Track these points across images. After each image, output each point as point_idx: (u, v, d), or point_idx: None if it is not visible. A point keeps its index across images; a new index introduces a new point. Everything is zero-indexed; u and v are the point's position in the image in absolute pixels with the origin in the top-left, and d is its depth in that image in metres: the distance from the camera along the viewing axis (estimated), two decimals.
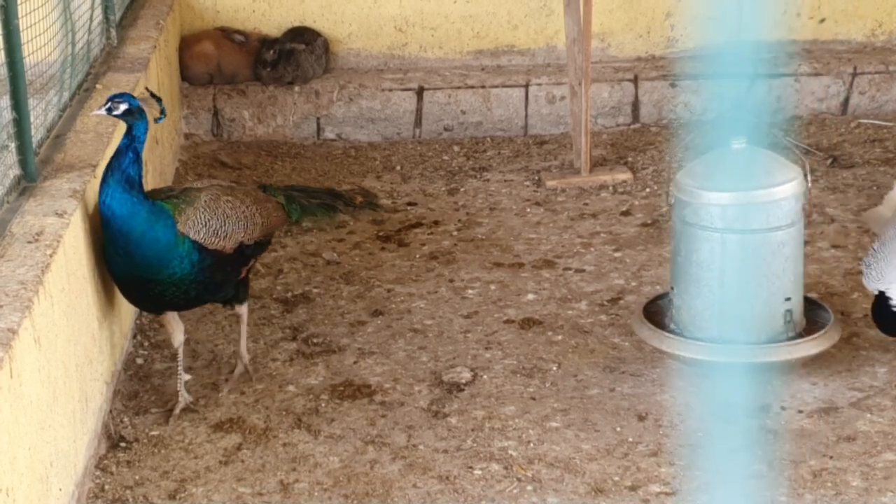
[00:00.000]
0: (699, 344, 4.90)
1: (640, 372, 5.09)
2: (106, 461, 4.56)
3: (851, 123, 7.79)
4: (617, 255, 6.20)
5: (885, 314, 4.86)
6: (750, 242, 4.92)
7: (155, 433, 4.75)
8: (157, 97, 4.71)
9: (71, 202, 4.41)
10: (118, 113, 4.57)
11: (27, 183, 4.54)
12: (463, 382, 5.06)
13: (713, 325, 4.88)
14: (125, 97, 4.60)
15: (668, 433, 4.67)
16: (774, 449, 4.50)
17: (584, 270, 6.03)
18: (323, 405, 4.92)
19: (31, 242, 4.08)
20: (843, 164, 7.22)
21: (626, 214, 6.68)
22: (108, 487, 4.42)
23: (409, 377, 5.12)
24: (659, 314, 5.13)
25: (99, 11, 6.31)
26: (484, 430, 4.73)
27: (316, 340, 5.43)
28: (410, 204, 6.94)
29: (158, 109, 4.67)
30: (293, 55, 7.81)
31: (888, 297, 4.80)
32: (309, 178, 7.32)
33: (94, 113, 4.82)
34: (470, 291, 5.86)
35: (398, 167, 7.49)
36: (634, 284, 5.85)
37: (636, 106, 7.91)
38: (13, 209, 4.35)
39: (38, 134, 4.78)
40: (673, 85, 7.87)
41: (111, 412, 4.78)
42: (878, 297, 4.86)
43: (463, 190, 7.12)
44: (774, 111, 7.61)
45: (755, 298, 4.79)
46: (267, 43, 7.88)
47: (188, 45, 7.89)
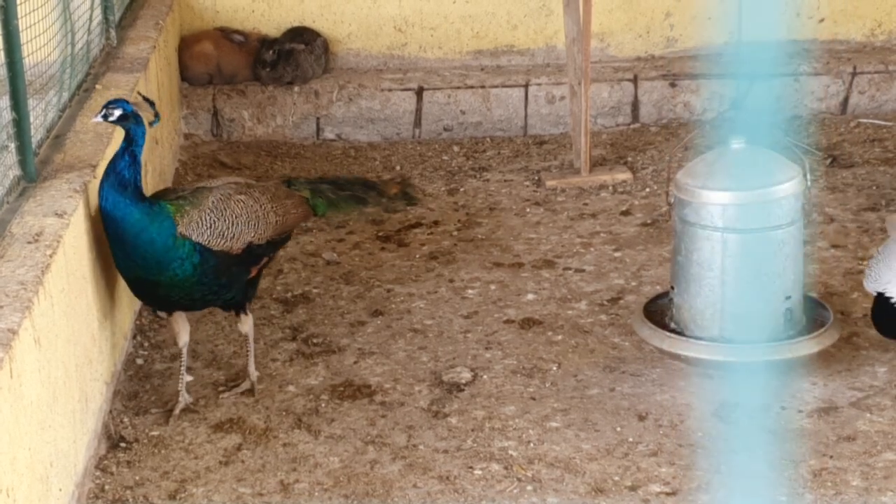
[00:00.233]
0: (700, 343, 4.90)
1: (640, 372, 5.09)
2: (106, 461, 4.56)
3: (851, 123, 7.78)
4: (617, 254, 6.19)
5: (883, 315, 4.86)
6: (750, 241, 4.91)
7: (155, 433, 4.75)
8: (149, 101, 4.73)
9: (71, 202, 4.41)
10: (114, 119, 4.60)
11: (27, 183, 4.54)
12: (463, 382, 5.06)
13: (714, 324, 4.89)
14: (120, 103, 4.63)
15: (668, 433, 4.66)
16: (775, 448, 4.50)
17: (583, 270, 6.03)
18: (323, 405, 4.92)
19: (30, 243, 4.08)
20: (842, 163, 7.22)
21: (625, 214, 6.68)
22: (108, 488, 4.42)
23: (409, 377, 5.12)
24: (659, 314, 5.13)
25: (98, 12, 6.30)
26: (484, 430, 4.73)
27: (316, 340, 5.43)
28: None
29: (152, 113, 4.69)
30: (293, 55, 7.81)
31: (886, 297, 4.80)
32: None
33: (91, 120, 4.86)
34: (470, 291, 5.86)
35: (398, 167, 7.48)
36: (634, 284, 5.85)
37: (636, 106, 7.91)
38: (13, 209, 4.34)
39: (37, 134, 4.78)
40: (672, 85, 7.87)
41: (111, 412, 4.78)
42: (876, 298, 4.87)
43: (463, 190, 7.12)
44: (774, 111, 7.61)
45: (755, 297, 4.79)
46: (266, 43, 7.88)
47: (188, 45, 7.89)
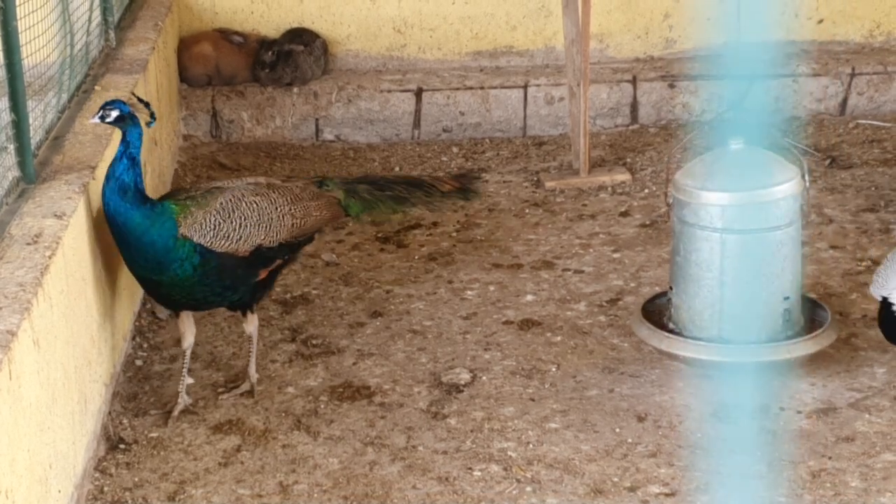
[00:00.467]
0: (698, 343, 4.91)
1: (639, 373, 5.09)
2: (105, 463, 4.56)
3: (850, 124, 7.79)
4: (616, 255, 6.20)
5: (889, 320, 4.84)
6: (749, 242, 4.92)
7: (154, 435, 4.75)
8: (144, 102, 4.74)
9: (70, 204, 4.41)
10: (110, 120, 4.63)
11: (26, 185, 4.54)
12: (462, 383, 5.06)
13: (712, 324, 4.89)
14: (116, 104, 4.66)
15: (667, 434, 4.67)
16: (773, 449, 4.50)
17: (582, 271, 6.03)
18: (322, 406, 4.92)
19: (29, 244, 4.08)
20: (841, 164, 7.22)
21: (624, 215, 6.68)
22: (107, 489, 4.42)
23: (408, 378, 5.12)
24: (657, 314, 5.14)
25: (97, 13, 6.30)
26: (483, 431, 4.73)
27: (315, 342, 5.43)
28: None
29: (147, 114, 4.71)
30: (292, 56, 7.81)
31: (891, 302, 4.79)
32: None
33: (89, 121, 4.88)
34: (469, 292, 5.86)
35: (397, 168, 7.48)
36: (633, 285, 5.85)
37: (635, 107, 7.91)
38: (12, 211, 4.34)
39: (36, 136, 4.78)
40: (671, 86, 7.87)
41: (110, 414, 4.78)
42: (882, 303, 4.85)
43: None
44: (772, 112, 7.61)
45: (754, 298, 4.79)
46: (265, 44, 7.87)
47: (187, 46, 7.89)
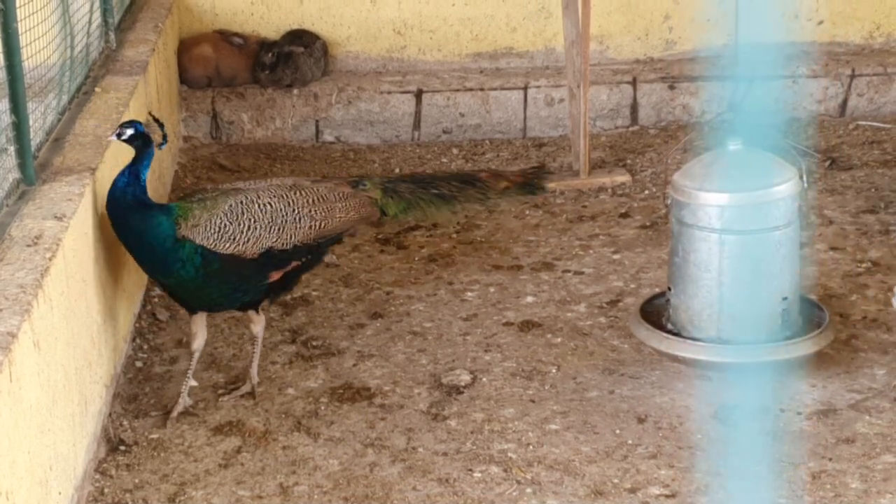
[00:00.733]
0: (697, 344, 4.91)
1: (639, 374, 5.09)
2: (105, 465, 4.56)
3: (850, 125, 7.79)
4: (616, 257, 6.20)
5: None
6: (747, 243, 4.93)
7: (154, 436, 4.75)
8: (159, 122, 4.83)
9: (70, 205, 4.41)
10: (125, 138, 4.73)
11: (26, 186, 4.54)
12: (462, 385, 5.06)
13: (711, 325, 4.89)
14: (133, 123, 4.77)
15: (667, 435, 4.67)
16: (773, 451, 4.50)
17: (582, 273, 6.03)
18: (322, 408, 4.92)
19: (30, 246, 4.08)
20: (841, 166, 7.22)
21: (624, 216, 6.68)
22: (107, 491, 4.42)
23: (408, 380, 5.12)
24: (656, 314, 5.14)
25: (98, 14, 6.30)
26: (483, 432, 4.73)
27: (315, 343, 5.43)
28: None
29: (160, 135, 4.79)
30: (292, 58, 7.81)
31: None
32: None
33: (107, 138, 4.93)
34: (469, 294, 5.86)
35: (397, 170, 7.49)
36: (633, 286, 5.85)
37: (634, 108, 7.92)
38: (12, 213, 4.34)
39: (37, 137, 4.78)
40: (671, 87, 7.87)
41: (110, 415, 4.78)
42: None
43: None
44: (772, 113, 7.61)
45: (752, 298, 4.79)
46: (265, 46, 7.88)
47: (187, 47, 7.89)
